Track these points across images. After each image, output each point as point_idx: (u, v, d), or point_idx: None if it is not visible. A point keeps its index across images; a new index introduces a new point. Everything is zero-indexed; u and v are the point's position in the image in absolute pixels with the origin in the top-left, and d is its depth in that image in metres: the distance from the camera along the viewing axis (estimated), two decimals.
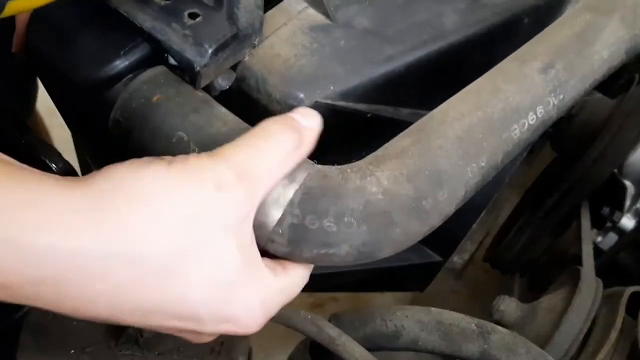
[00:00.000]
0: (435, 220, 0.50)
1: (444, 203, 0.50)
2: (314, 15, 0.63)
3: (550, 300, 0.74)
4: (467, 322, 0.59)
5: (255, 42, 0.57)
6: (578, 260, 0.93)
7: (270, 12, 0.62)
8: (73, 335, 0.54)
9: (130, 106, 0.52)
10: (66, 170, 0.63)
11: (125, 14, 0.52)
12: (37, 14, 0.54)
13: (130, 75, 0.53)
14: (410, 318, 0.60)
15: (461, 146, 0.51)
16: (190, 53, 0.52)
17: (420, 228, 0.50)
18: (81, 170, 0.70)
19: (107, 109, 0.52)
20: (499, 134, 0.54)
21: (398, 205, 0.48)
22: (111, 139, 0.52)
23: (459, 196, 0.52)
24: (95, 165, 0.65)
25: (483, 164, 0.53)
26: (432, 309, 0.60)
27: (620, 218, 0.93)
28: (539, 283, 1.04)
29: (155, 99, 0.51)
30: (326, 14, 0.63)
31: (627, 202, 0.93)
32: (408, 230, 0.49)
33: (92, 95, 0.53)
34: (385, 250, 0.49)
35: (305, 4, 0.63)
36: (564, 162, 1.02)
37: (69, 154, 0.72)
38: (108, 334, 0.55)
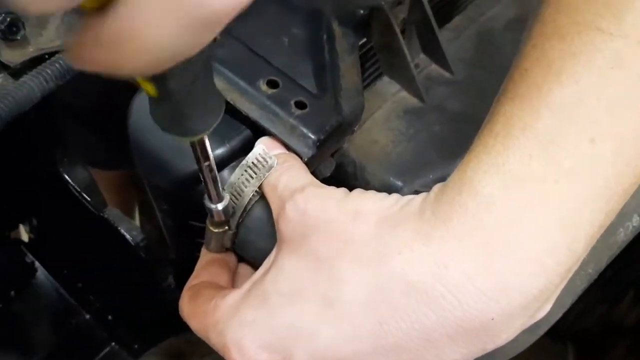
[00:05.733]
0: (543, 331, 0.49)
1: (554, 314, 0.49)
2: (407, 98, 0.62)
3: None
4: None
5: (355, 129, 0.56)
6: (634, 330, 0.92)
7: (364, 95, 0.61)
8: None
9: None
10: (145, 245, 0.62)
11: (231, 102, 0.51)
12: (138, 103, 0.53)
13: (234, 163, 0.52)
14: None
15: None
16: (297, 145, 0.51)
17: (530, 339, 0.49)
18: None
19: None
20: (607, 238, 0.53)
21: None
22: None
23: (566, 305, 0.51)
24: (173, 242, 0.63)
25: (590, 271, 0.52)
26: None
27: None
28: (591, 352, 1.03)
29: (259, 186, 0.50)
30: (420, 96, 0.62)
31: None
32: (520, 343, 0.48)
33: (193, 184, 0.52)
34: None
35: (398, 87, 0.62)
36: None
37: None
38: None
